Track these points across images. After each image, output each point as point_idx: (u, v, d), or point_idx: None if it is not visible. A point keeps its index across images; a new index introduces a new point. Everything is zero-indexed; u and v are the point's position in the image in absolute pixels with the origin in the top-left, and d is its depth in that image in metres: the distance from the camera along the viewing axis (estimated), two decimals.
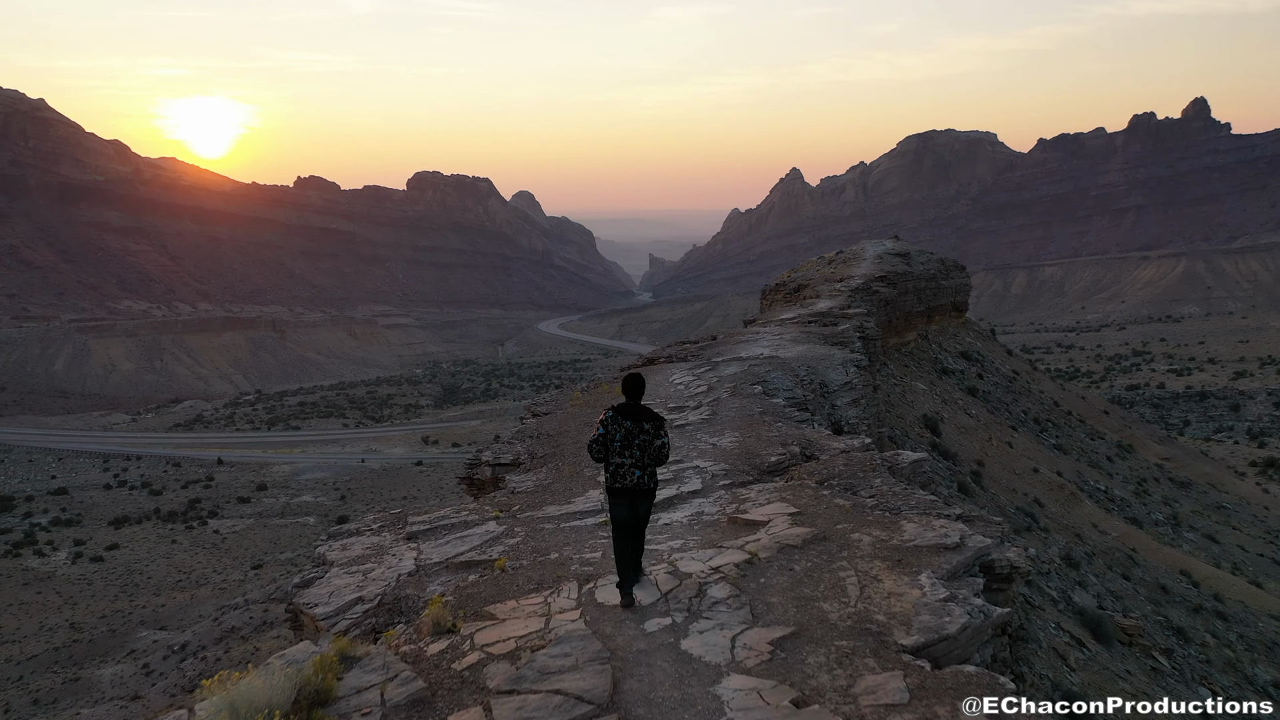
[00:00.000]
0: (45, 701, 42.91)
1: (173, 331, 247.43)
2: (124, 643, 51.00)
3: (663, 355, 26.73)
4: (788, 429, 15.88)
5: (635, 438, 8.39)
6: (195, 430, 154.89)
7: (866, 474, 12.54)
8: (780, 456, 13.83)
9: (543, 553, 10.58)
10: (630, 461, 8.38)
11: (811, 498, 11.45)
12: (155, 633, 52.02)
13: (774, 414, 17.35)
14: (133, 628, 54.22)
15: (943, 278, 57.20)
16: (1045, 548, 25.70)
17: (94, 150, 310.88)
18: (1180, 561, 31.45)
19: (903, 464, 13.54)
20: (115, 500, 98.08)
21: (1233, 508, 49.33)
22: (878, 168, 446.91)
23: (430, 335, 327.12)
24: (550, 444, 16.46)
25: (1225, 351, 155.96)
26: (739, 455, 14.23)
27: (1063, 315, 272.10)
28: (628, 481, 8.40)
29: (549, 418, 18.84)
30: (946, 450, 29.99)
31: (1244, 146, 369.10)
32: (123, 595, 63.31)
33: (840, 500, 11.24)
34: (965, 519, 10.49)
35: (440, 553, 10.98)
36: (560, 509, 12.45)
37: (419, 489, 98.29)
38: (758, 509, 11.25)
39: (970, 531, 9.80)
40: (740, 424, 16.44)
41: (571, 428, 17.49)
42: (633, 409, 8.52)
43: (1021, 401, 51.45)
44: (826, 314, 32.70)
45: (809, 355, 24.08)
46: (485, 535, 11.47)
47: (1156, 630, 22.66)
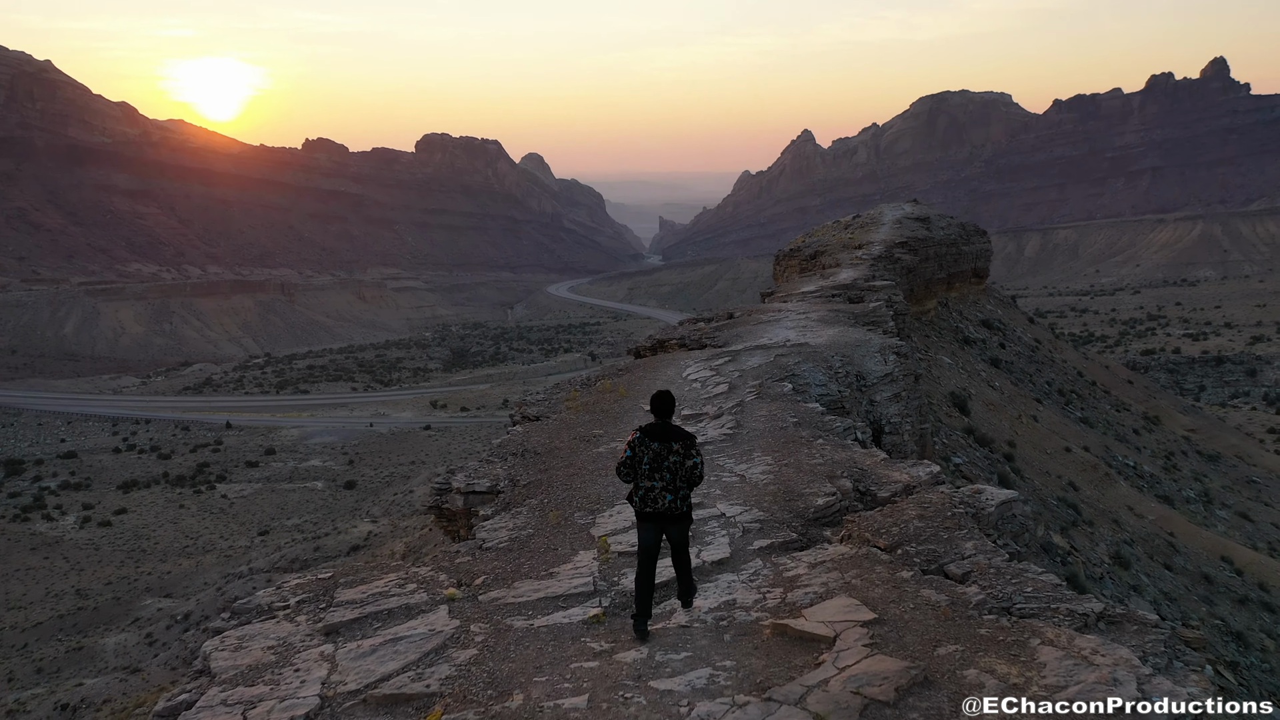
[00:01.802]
0: (49, 670, 42.74)
1: (182, 295, 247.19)
2: (128, 610, 50.84)
3: (674, 338, 23.82)
4: (832, 450, 12.86)
5: (664, 459, 8.03)
6: (204, 394, 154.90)
7: (950, 532, 9.40)
8: (829, 498, 10.93)
9: (502, 686, 7.36)
10: (660, 485, 8.02)
11: (887, 582, 8.50)
12: (160, 600, 51.85)
13: (810, 424, 14.44)
14: (138, 595, 54.06)
15: (963, 243, 55.78)
16: (1093, 545, 24.85)
17: (101, 112, 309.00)
18: (1219, 546, 30.61)
19: (988, 509, 10.09)
20: (124, 464, 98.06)
21: (1263, 482, 48.39)
22: (890, 129, 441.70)
23: (439, 298, 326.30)
24: (537, 466, 13.29)
25: (1242, 316, 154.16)
26: (775, 495, 11.23)
27: (1076, 279, 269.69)
28: (658, 506, 8.03)
29: (539, 426, 15.72)
30: (980, 434, 29.07)
31: (1263, 107, 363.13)
32: (129, 561, 63.20)
33: (929, 592, 8.19)
34: (1111, 620, 7.56)
35: (361, 670, 7.73)
36: (537, 588, 9.21)
37: (427, 454, 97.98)
38: (814, 607, 8.19)
39: (1142, 667, 6.58)
40: (772, 442, 13.50)
41: (564, 442, 14.36)
42: (661, 429, 8.13)
43: (1045, 372, 50.34)
44: (851, 286, 30.68)
45: (841, 341, 21.12)
46: (429, 636, 8.23)
47: (1217, 638, 21.82)
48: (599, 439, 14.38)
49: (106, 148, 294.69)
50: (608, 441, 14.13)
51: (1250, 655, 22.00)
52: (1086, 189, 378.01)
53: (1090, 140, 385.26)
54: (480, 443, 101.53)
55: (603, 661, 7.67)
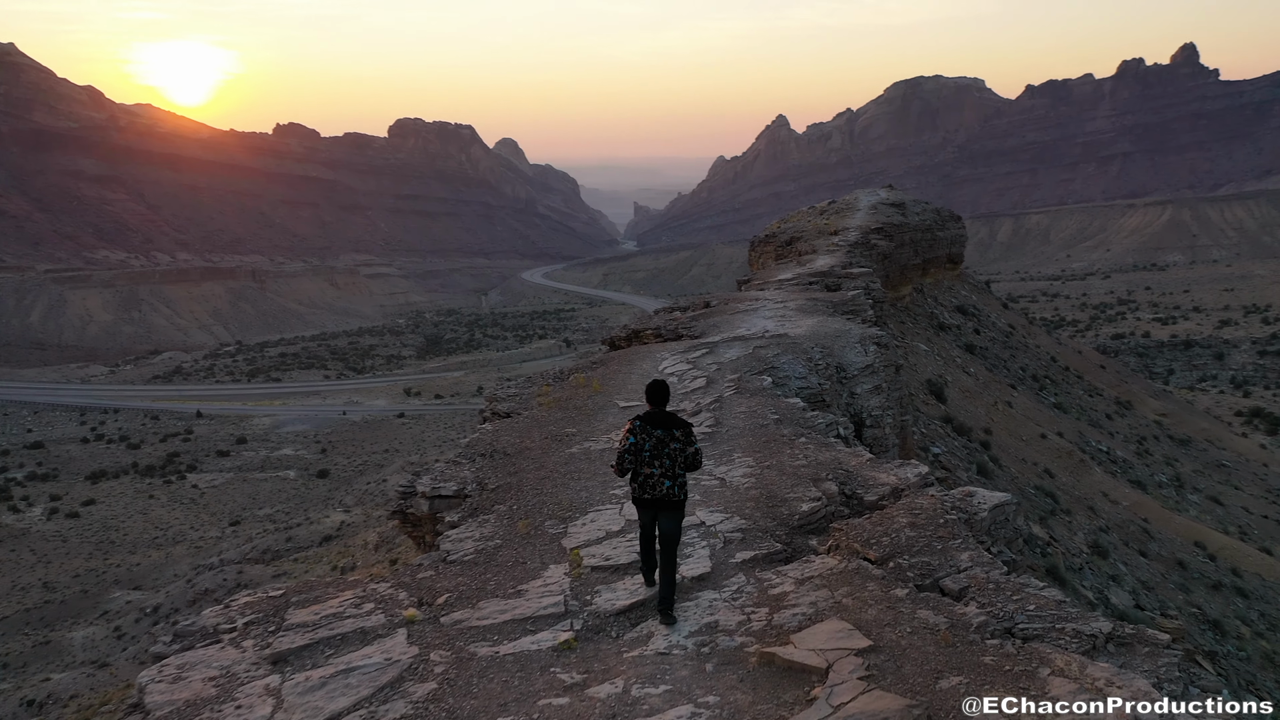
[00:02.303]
0: (15, 665, 42.04)
1: (151, 282, 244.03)
2: (96, 603, 50.10)
3: (649, 328, 22.98)
4: (815, 450, 12.23)
5: (665, 447, 8.15)
6: (174, 382, 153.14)
7: (944, 542, 8.79)
8: (815, 503, 10.34)
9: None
10: (660, 471, 8.14)
11: (880, 601, 7.91)
12: (129, 593, 51.11)
13: (792, 421, 13.78)
14: (106, 588, 53.29)
15: (938, 228, 55.77)
16: (1071, 535, 24.85)
17: (67, 97, 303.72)
18: (1192, 531, 30.85)
19: (981, 513, 9.49)
20: (92, 454, 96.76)
21: (1233, 465, 48.89)
22: (864, 114, 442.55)
23: (413, 285, 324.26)
24: (507, 468, 12.48)
25: (1210, 300, 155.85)
26: (757, 500, 10.60)
27: (1048, 263, 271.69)
28: (657, 492, 8.15)
29: (510, 424, 14.89)
30: (958, 423, 28.99)
31: (1231, 93, 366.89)
32: (97, 553, 62.32)
33: (926, 613, 7.59)
34: (1120, 641, 7.11)
35: (309, 708, 6.99)
36: (504, 609, 8.46)
37: (401, 442, 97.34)
38: (803, 631, 7.56)
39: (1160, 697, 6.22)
40: (752, 441, 12.91)
41: (535, 442, 13.57)
42: (661, 417, 8.23)
43: (1019, 357, 50.55)
44: (828, 273, 30.28)
45: (821, 331, 20.40)
46: (385, 667, 7.52)
47: (1195, 627, 21.87)
48: (571, 438, 13.67)
49: (72, 132, 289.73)
50: (580, 441, 13.49)
51: (1227, 643, 22.13)
52: (1058, 174, 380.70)
53: (1062, 126, 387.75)
54: (455, 430, 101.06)
55: (574, 698, 7.02)
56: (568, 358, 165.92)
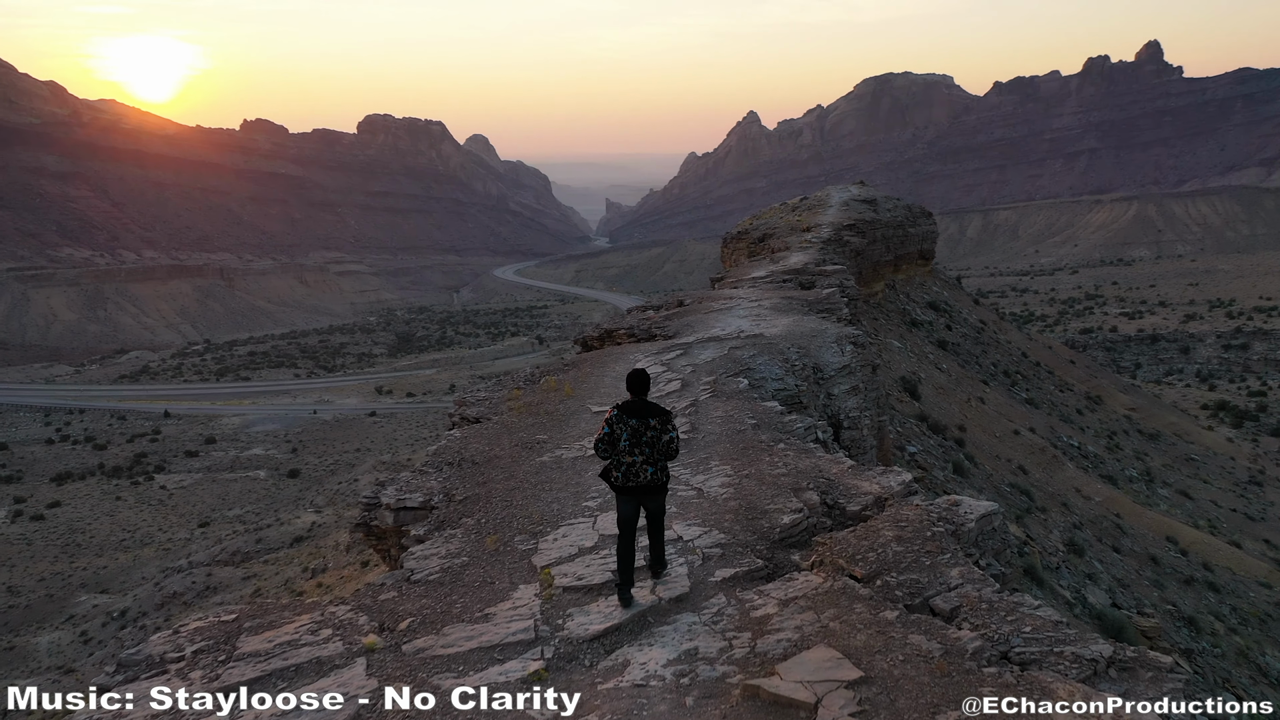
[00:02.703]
0: None
1: (117, 280, 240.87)
2: (62, 608, 49.30)
3: (622, 327, 22.50)
4: (795, 456, 11.80)
5: (643, 435, 8.26)
6: (141, 382, 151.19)
7: (933, 557, 8.42)
8: (796, 515, 9.87)
9: None
10: (640, 460, 8.25)
11: (869, 625, 7.51)
12: (95, 596, 50.34)
13: (770, 426, 13.39)
14: (72, 591, 52.46)
15: (910, 225, 55.97)
16: (1047, 533, 24.97)
17: (28, 92, 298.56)
18: (1164, 526, 31.19)
19: (968, 524, 9.17)
20: (57, 455, 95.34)
21: (1201, 459, 49.54)
22: (835, 111, 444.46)
23: (384, 282, 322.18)
24: (475, 478, 11.93)
25: (1175, 294, 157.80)
26: (737, 512, 10.12)
27: (1017, 259, 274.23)
28: (640, 480, 8.27)
29: (479, 430, 14.37)
30: (933, 421, 29.06)
31: (1195, 90, 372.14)
32: (63, 556, 61.36)
33: (919, 638, 7.20)
34: (1123, 666, 6.90)
35: None
36: (470, 635, 7.93)
37: (372, 440, 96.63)
38: (789, 661, 7.12)
39: None
40: (730, 448, 12.44)
41: (505, 450, 12.99)
42: (638, 406, 8.34)
43: (991, 353, 50.90)
44: (802, 270, 30.08)
45: (796, 331, 20.10)
46: (342, 701, 6.99)
47: (1170, 624, 22.02)
48: (542, 446, 13.15)
49: (34, 128, 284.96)
50: (552, 449, 13.00)
51: (1202, 640, 22.34)
52: (1026, 170, 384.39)
53: (1029, 122, 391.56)
54: (427, 428, 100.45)
55: None
56: (540, 355, 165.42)
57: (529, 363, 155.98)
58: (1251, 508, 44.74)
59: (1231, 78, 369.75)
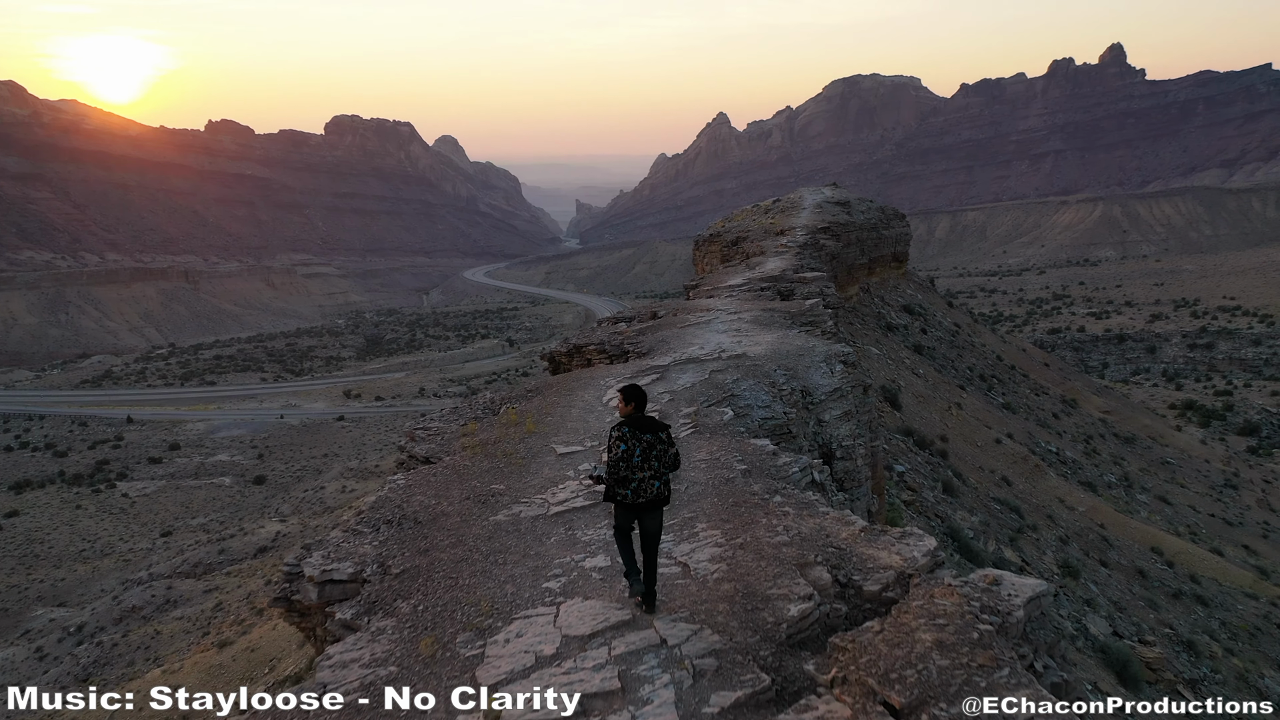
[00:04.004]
0: None
1: (78, 283, 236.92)
2: (18, 622, 47.92)
3: (592, 343, 20.84)
4: (796, 516, 10.00)
5: (653, 449, 8.16)
6: (104, 387, 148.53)
7: (987, 674, 6.44)
8: (805, 604, 8.09)
9: None
10: (649, 474, 8.14)
11: None
12: (53, 610, 48.98)
13: (761, 470, 11.63)
14: (29, 605, 51.04)
15: (884, 227, 55.69)
16: (1041, 554, 24.57)
17: None
18: (1148, 536, 31.04)
19: (1014, 612, 7.50)
20: (16, 463, 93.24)
21: (1176, 463, 49.69)
22: (804, 112, 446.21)
23: (352, 284, 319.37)
24: (417, 543, 10.06)
25: (1141, 294, 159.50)
26: (732, 600, 8.28)
27: (985, 260, 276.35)
28: (649, 494, 8.14)
29: (426, 476, 12.36)
30: (919, 436, 28.64)
31: (1158, 93, 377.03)
32: (20, 568, 59.81)
33: None
34: None
35: None
36: None
37: (340, 446, 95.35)
38: None
39: None
40: (718, 504, 10.59)
41: (454, 504, 11.09)
42: (646, 421, 8.27)
43: (966, 357, 50.73)
44: (780, 278, 29.15)
45: (782, 349, 18.42)
46: None
47: (1170, 649, 21.64)
48: (498, 499, 11.20)
49: None
50: (509, 504, 11.02)
51: (1201, 664, 22.03)
52: (993, 171, 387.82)
53: (996, 124, 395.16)
54: (395, 433, 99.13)
55: None
56: (511, 357, 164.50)
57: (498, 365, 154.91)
58: (1229, 512, 44.99)
59: (1193, 80, 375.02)
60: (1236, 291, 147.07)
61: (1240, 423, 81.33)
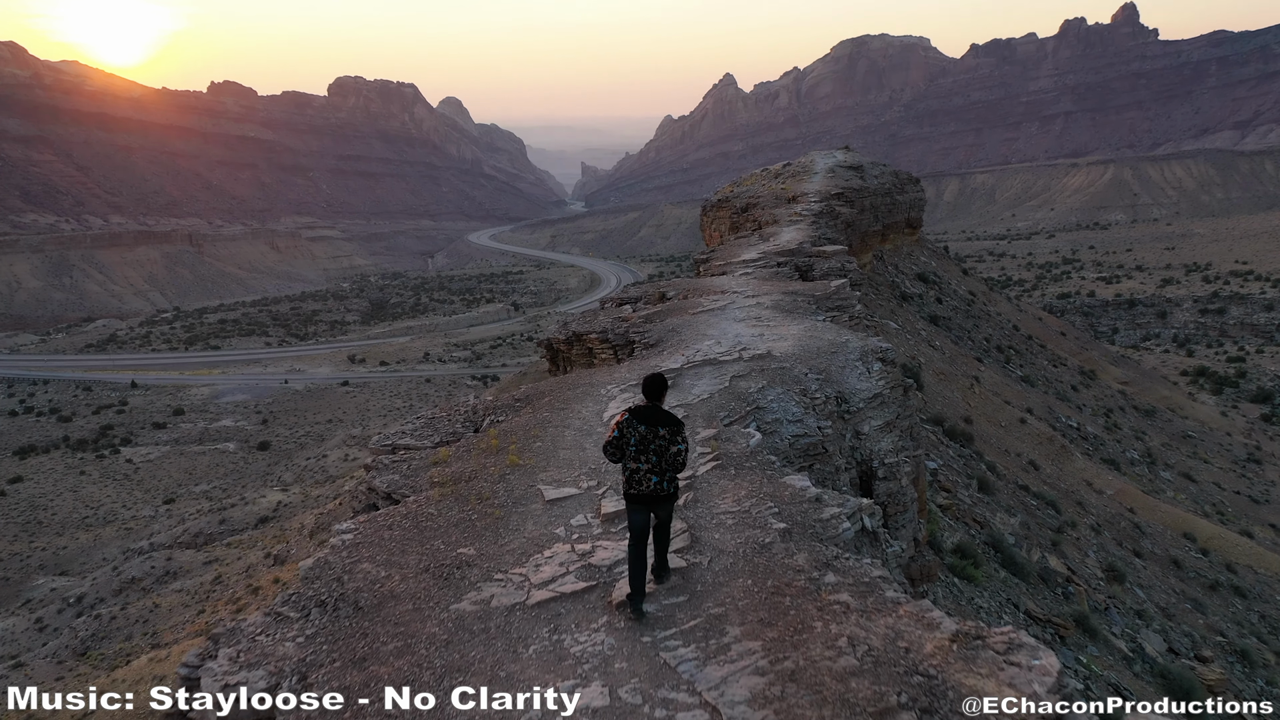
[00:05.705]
0: None
1: (82, 246, 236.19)
2: (19, 591, 47.67)
3: (594, 330, 18.56)
4: (857, 605, 7.23)
5: (650, 442, 7.94)
6: (108, 351, 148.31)
7: None
8: None
9: None
10: (646, 467, 7.92)
11: None
12: (54, 579, 48.71)
13: (804, 529, 8.95)
14: (30, 574, 50.78)
15: (898, 192, 54.35)
16: (1083, 556, 23.62)
17: None
18: (1179, 521, 30.26)
19: None
20: (20, 428, 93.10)
21: (1198, 436, 48.80)
22: (811, 73, 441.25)
23: (357, 248, 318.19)
24: (354, 642, 7.35)
25: (1152, 259, 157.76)
26: None
27: (994, 223, 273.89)
28: (644, 488, 7.93)
29: (380, 529, 9.71)
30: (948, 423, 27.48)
31: (1170, 53, 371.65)
32: (23, 535, 59.58)
33: None
34: None
35: None
36: None
37: (344, 411, 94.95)
38: None
39: None
40: (753, 587, 7.78)
41: (409, 578, 8.42)
42: (650, 412, 8.05)
43: (982, 327, 49.62)
44: (797, 251, 27.18)
45: (812, 346, 15.66)
46: None
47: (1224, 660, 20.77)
48: (464, 573, 8.49)
49: None
50: (477, 582, 8.33)
51: (1256, 675, 21.16)
52: (1002, 133, 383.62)
53: (1006, 85, 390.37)
54: (400, 398, 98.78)
55: None
56: (515, 322, 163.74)
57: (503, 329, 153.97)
58: (1254, 489, 44.32)
59: (1206, 40, 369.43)
60: (1249, 255, 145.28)
61: (1254, 389, 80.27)
